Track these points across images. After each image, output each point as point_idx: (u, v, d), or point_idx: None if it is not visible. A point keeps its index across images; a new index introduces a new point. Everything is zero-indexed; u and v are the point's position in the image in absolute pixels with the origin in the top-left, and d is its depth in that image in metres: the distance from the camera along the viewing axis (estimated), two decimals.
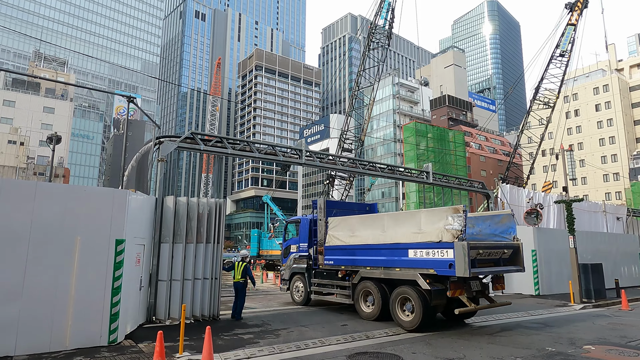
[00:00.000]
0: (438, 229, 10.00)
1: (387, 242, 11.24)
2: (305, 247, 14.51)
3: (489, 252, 10.46)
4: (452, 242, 9.64)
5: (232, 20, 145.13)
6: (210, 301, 11.46)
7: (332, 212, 13.60)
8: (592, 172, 60.33)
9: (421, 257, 10.30)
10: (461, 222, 9.59)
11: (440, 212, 10.26)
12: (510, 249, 10.99)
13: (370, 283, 11.49)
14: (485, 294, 11.06)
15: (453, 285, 9.90)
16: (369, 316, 11.51)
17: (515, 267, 11.02)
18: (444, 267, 9.74)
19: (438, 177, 21.12)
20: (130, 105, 13.39)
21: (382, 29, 30.93)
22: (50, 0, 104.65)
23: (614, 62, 69.15)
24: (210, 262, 11.59)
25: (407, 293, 10.44)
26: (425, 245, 10.24)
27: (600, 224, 26.03)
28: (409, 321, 10.27)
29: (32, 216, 7.91)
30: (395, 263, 10.93)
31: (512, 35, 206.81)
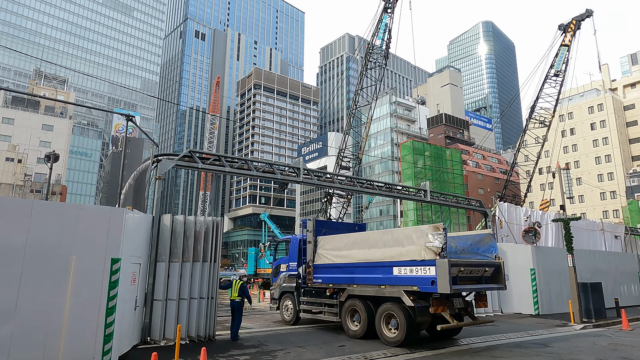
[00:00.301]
0: (420, 246, 10.24)
1: (373, 260, 11.43)
2: (294, 266, 14.58)
3: (470, 270, 10.69)
4: (433, 259, 9.86)
5: (232, 40, 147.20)
6: (206, 321, 11.29)
7: (321, 232, 13.79)
8: (589, 190, 60.52)
9: (405, 274, 10.48)
10: (441, 240, 9.84)
11: (421, 230, 10.50)
12: (491, 267, 11.23)
13: (357, 301, 11.62)
14: (469, 312, 11.25)
15: (435, 302, 10.08)
16: (355, 334, 11.57)
17: (497, 285, 11.25)
18: (426, 284, 9.92)
19: (436, 196, 21.14)
20: (129, 123, 13.47)
21: (379, 49, 31.42)
22: (51, 19, 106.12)
23: (608, 81, 70.18)
24: (207, 281, 11.48)
25: (392, 310, 10.63)
26: (409, 263, 10.43)
27: (598, 243, 25.98)
28: (393, 337, 10.48)
29: (27, 235, 7.85)
30: (380, 280, 11.09)
31: (507, 55, 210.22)
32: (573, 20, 32.68)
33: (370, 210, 77.50)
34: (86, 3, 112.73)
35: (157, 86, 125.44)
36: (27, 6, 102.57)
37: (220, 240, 11.96)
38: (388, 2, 31.12)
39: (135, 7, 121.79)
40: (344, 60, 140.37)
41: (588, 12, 32.81)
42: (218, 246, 11.87)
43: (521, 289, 18.05)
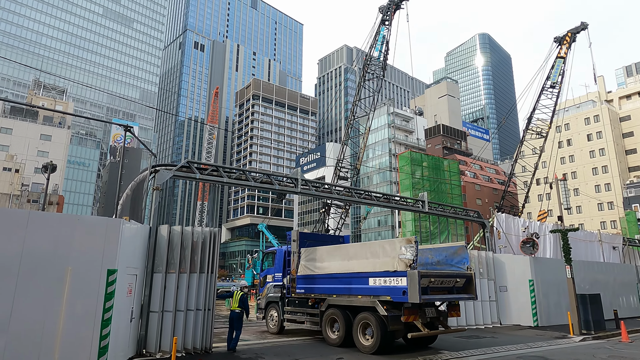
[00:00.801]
0: (393, 258, 10.77)
1: (351, 271, 11.95)
2: (280, 276, 15.09)
3: (441, 281, 11.22)
4: (405, 270, 10.40)
5: (231, 51, 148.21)
6: (203, 333, 11.18)
7: (305, 244, 14.19)
8: (587, 201, 60.64)
9: (380, 285, 11.03)
10: (413, 252, 10.42)
11: (395, 243, 11.11)
12: (463, 278, 11.73)
13: (336, 310, 12.14)
14: (441, 321, 11.77)
15: (407, 311, 10.60)
16: (335, 342, 12.06)
17: (468, 295, 11.78)
18: (398, 294, 10.45)
19: (433, 206, 21.14)
20: (127, 133, 13.48)
21: (377, 61, 31.67)
22: (51, 30, 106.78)
23: (604, 93, 70.80)
24: (204, 293, 11.39)
25: (368, 319, 11.15)
26: (383, 274, 10.99)
27: (596, 254, 25.95)
28: (368, 345, 11.02)
29: (23, 246, 7.80)
30: (357, 291, 11.63)
31: (503, 67, 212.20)
32: (568, 33, 33.09)
33: (369, 220, 77.39)
34: (86, 14, 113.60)
35: (155, 96, 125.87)
36: (27, 17, 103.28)
37: (217, 251, 11.92)
38: (386, 14, 31.46)
39: (135, 18, 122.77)
40: (342, 72, 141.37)
41: (583, 25, 33.22)
42: (215, 257, 11.81)
43: (520, 300, 17.97)
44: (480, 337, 14.40)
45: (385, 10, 31.56)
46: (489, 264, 18.75)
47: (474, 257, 18.45)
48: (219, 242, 12.05)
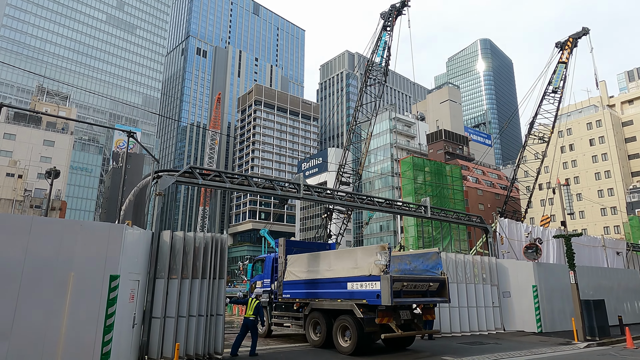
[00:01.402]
0: (369, 264, 11.48)
1: (331, 276, 12.67)
2: (268, 282, 15.80)
3: (414, 285, 11.96)
4: (379, 275, 11.09)
5: (233, 57, 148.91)
6: (207, 339, 11.13)
7: (292, 251, 14.98)
8: (590, 206, 60.40)
9: (357, 289, 11.71)
10: (386, 258, 11.14)
11: (371, 249, 11.82)
12: (436, 282, 12.49)
13: (319, 313, 12.83)
14: (416, 323, 12.38)
15: (381, 314, 11.22)
16: (316, 344, 12.79)
17: (441, 299, 12.48)
18: (373, 297, 11.13)
19: (436, 212, 21.09)
20: (130, 139, 13.52)
21: (378, 66, 31.79)
22: (55, 37, 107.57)
23: (606, 98, 70.72)
24: (206, 298, 11.36)
25: (346, 321, 11.80)
26: (360, 279, 11.69)
27: (600, 259, 25.81)
28: (346, 347, 11.70)
29: (26, 251, 7.81)
30: (337, 295, 12.34)
31: (505, 72, 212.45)
32: (570, 38, 33.15)
33: (371, 226, 77.23)
34: (90, 21, 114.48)
35: (158, 102, 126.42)
36: (31, 24, 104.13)
37: (225, 256, 12.02)
38: (387, 20, 31.61)
39: (138, 25, 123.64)
40: (343, 77, 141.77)
41: (584, 30, 33.29)
42: (221, 263, 11.88)
43: (523, 306, 17.87)
44: (483, 343, 14.31)
45: (386, 16, 31.71)
46: (492, 270, 18.67)
47: (477, 263, 18.38)
48: (225, 247, 12.13)
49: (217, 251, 11.85)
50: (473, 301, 17.51)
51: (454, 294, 17.08)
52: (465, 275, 17.77)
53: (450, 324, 16.58)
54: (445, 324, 16.47)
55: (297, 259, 14.38)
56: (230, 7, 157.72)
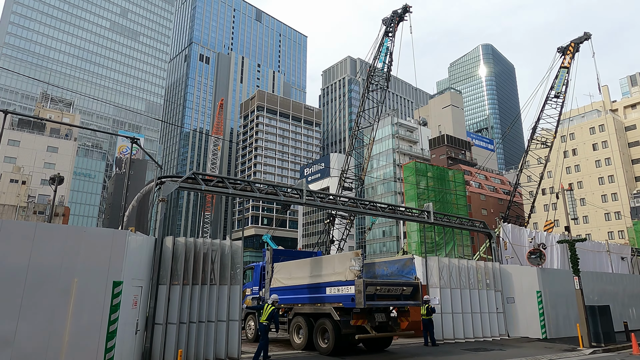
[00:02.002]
0: (345, 269, 12.28)
1: (312, 282, 13.46)
2: (257, 290, 16.66)
3: (388, 289, 12.73)
4: (353, 280, 11.88)
5: (235, 63, 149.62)
6: (215, 344, 11.08)
7: (279, 259, 15.86)
8: (594, 211, 60.11)
9: (335, 293, 12.53)
10: (360, 264, 11.94)
11: (347, 256, 12.66)
12: (410, 287, 13.25)
13: (301, 317, 13.58)
14: (391, 325, 13.11)
15: (355, 316, 12.05)
16: (299, 346, 13.45)
17: (414, 302, 13.30)
18: (348, 301, 11.93)
19: (439, 217, 21.02)
20: (133, 145, 13.58)
21: (380, 72, 31.88)
22: (59, 44, 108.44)
23: (608, 102, 70.60)
24: (215, 305, 11.35)
25: (325, 324, 12.56)
26: (337, 284, 12.52)
27: (605, 264, 25.65)
28: (325, 348, 12.44)
29: (30, 258, 7.82)
30: (317, 299, 13.12)
31: (507, 77, 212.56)
32: (572, 43, 33.18)
33: (374, 231, 77.06)
34: (94, 28, 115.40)
35: (161, 108, 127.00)
36: (35, 31, 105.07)
37: (235, 262, 12.10)
38: (389, 26, 31.74)
39: (142, 32, 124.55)
40: (345, 83, 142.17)
41: (586, 35, 33.32)
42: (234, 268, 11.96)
43: (527, 312, 17.74)
44: (487, 350, 14.21)
45: (388, 22, 31.84)
46: (495, 275, 18.57)
47: (480, 268, 18.30)
48: (238, 253, 12.29)
49: (230, 257, 11.97)
50: (477, 307, 17.41)
51: (457, 299, 17.00)
52: (468, 281, 17.68)
53: (454, 330, 16.48)
54: (449, 330, 16.38)
55: (282, 266, 15.20)
56: (233, 13, 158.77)
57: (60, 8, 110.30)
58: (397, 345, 15.49)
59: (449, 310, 16.61)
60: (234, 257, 12.20)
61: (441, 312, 16.27)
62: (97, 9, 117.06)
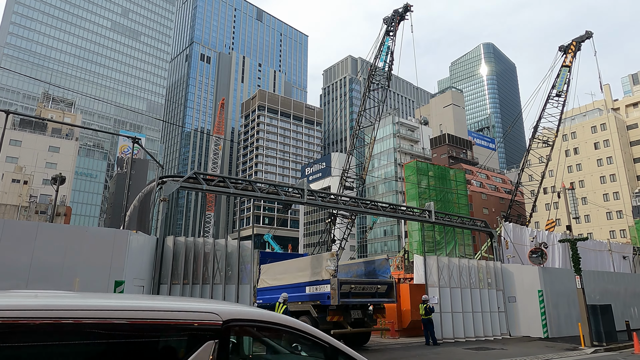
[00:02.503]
0: (322, 270, 13.05)
1: (294, 282, 14.20)
2: None
3: (362, 287, 13.59)
4: (329, 279, 12.71)
5: (236, 63, 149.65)
6: None
7: (266, 261, 16.75)
8: (595, 209, 60.02)
9: (313, 292, 13.26)
10: (335, 264, 12.79)
11: (323, 257, 13.61)
12: (384, 285, 14.14)
13: None
14: (365, 321, 13.85)
15: (331, 313, 12.83)
16: None
17: (389, 299, 14.28)
18: (324, 299, 12.71)
19: (440, 216, 21.01)
20: (135, 144, 13.60)
21: (381, 71, 31.85)
22: (60, 44, 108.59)
23: (610, 101, 70.46)
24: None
25: (305, 321, 12.94)
26: (315, 283, 13.30)
27: (606, 263, 25.61)
28: None
29: (31, 257, 7.85)
30: (298, 298, 13.79)
31: (508, 76, 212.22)
32: (573, 42, 33.10)
33: (375, 230, 77.06)
34: (95, 28, 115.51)
35: (162, 108, 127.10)
36: (37, 31, 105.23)
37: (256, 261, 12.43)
38: (390, 25, 31.71)
39: (143, 31, 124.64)
40: (346, 82, 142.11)
41: (588, 33, 33.24)
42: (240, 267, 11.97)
43: (529, 311, 17.73)
44: (489, 349, 14.21)
45: (389, 21, 31.81)
46: (497, 274, 18.56)
47: (482, 268, 18.29)
48: (250, 253, 12.43)
49: (235, 256, 12.03)
50: (478, 306, 17.40)
51: (457, 299, 16.99)
52: (469, 280, 17.68)
53: (453, 329, 16.48)
54: (449, 330, 16.37)
55: (268, 268, 15.93)
56: (234, 13, 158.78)
57: (61, 8, 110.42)
58: (399, 344, 15.50)
59: (449, 309, 16.61)
60: (242, 256, 12.27)
61: (440, 311, 16.27)
62: (99, 9, 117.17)
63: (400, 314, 17.85)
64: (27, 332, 2.08)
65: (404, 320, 17.75)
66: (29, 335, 2.08)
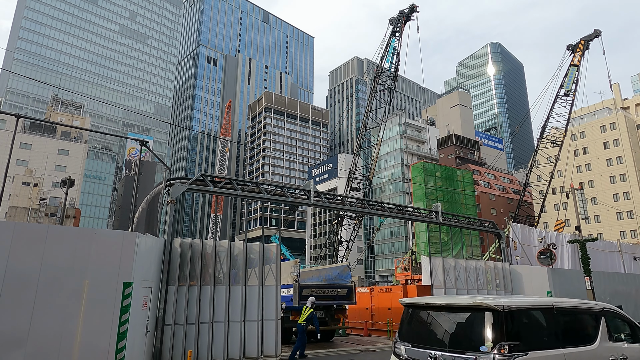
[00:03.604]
0: (288, 275, 14.84)
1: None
2: None
3: (324, 291, 15.41)
4: (292, 283, 14.51)
5: (243, 65, 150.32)
6: (225, 345, 11.13)
7: None
8: (605, 210, 59.36)
9: (282, 294, 14.13)
10: (297, 270, 14.81)
11: (290, 264, 15.50)
12: (344, 289, 16.11)
13: None
14: (327, 320, 15.79)
15: (294, 313, 14.43)
16: None
17: (349, 301, 16.20)
18: (288, 300, 14.50)
19: (448, 217, 20.91)
20: (142, 147, 13.72)
21: (388, 72, 31.82)
22: (69, 48, 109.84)
23: (619, 100, 69.68)
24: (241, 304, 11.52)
25: None
26: (283, 287, 14.53)
27: (617, 264, 25.31)
28: None
29: (42, 260, 7.94)
30: None
31: (516, 76, 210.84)
32: (581, 41, 32.84)
33: (382, 232, 76.88)
34: (103, 32, 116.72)
35: (170, 111, 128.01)
36: (46, 36, 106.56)
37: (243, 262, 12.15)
38: (396, 26, 31.68)
39: (150, 35, 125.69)
40: (353, 83, 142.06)
41: (596, 32, 32.95)
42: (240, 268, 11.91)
43: None
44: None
45: (395, 22, 31.79)
46: (505, 276, 18.43)
47: (490, 269, 18.17)
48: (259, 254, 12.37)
49: (242, 258, 12.07)
50: None
51: None
52: (477, 281, 17.58)
53: None
54: None
55: None
56: (240, 15, 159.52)
57: (70, 13, 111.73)
58: None
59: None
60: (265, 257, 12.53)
61: None
62: (107, 13, 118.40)
63: None
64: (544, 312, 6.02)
65: None
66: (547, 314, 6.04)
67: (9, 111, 79.92)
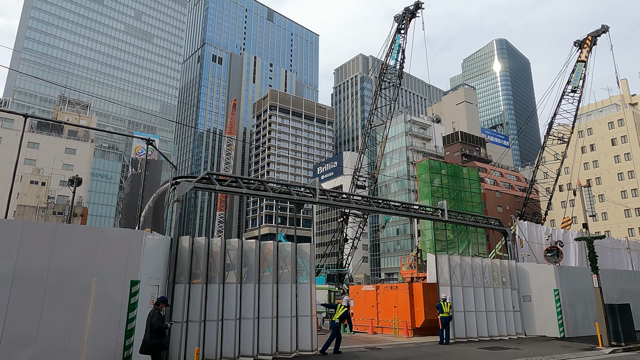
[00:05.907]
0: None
1: None
2: None
3: None
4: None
5: (248, 63, 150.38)
6: (236, 342, 11.19)
7: None
8: (613, 207, 58.85)
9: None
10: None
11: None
12: None
13: None
14: None
15: None
16: None
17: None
18: None
19: (453, 215, 20.84)
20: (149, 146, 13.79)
21: (393, 69, 31.73)
22: (76, 48, 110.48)
23: (627, 96, 68.94)
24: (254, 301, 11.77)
25: None
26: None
27: (624, 262, 25.12)
28: None
29: (50, 258, 8.02)
30: None
31: (522, 72, 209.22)
32: (589, 37, 32.53)
33: (387, 229, 76.79)
34: (109, 32, 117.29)
35: (175, 109, 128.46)
36: (53, 36, 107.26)
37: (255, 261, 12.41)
38: (401, 23, 31.56)
39: (155, 34, 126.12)
40: (358, 81, 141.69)
41: (604, 27, 32.61)
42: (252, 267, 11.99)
43: (545, 310, 17.50)
44: (504, 348, 14.07)
45: (400, 19, 31.67)
46: (511, 273, 18.35)
47: (496, 266, 18.10)
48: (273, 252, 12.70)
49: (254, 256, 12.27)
50: (492, 305, 17.23)
51: (470, 298, 16.82)
52: (483, 279, 17.51)
53: (466, 329, 16.33)
54: (461, 329, 16.24)
55: None
56: (245, 14, 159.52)
57: (76, 12, 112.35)
58: (412, 343, 15.45)
59: (461, 308, 16.46)
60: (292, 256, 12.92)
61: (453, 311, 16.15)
62: (113, 13, 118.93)
63: (414, 313, 17.78)
64: None
65: (417, 320, 17.67)
66: None
67: (16, 110, 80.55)
